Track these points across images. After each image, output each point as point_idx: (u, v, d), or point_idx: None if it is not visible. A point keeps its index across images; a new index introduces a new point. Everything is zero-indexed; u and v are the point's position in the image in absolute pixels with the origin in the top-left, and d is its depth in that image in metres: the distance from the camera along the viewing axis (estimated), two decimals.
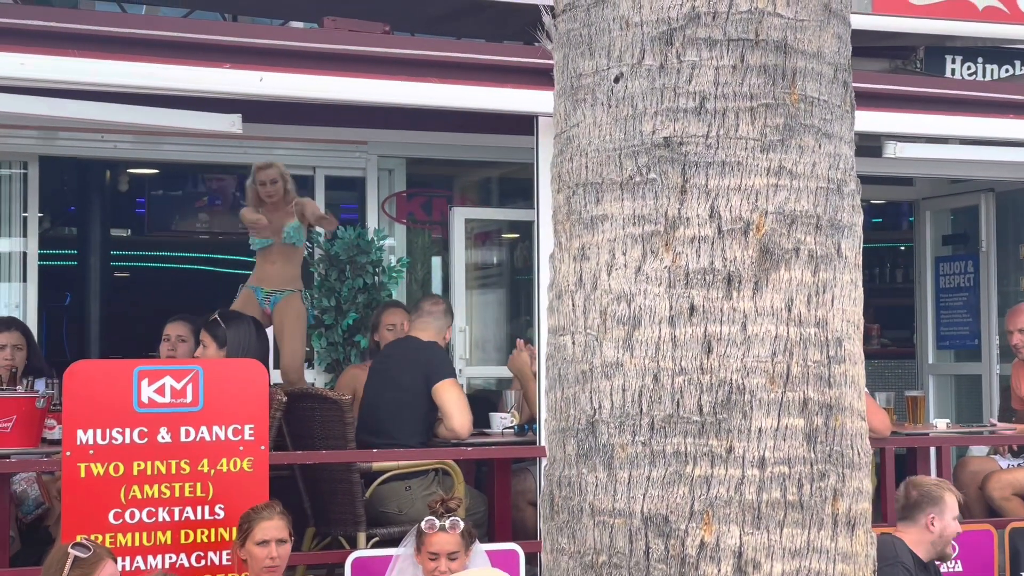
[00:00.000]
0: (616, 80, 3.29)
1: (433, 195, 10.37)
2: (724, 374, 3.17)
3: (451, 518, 5.54)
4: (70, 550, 4.79)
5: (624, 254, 3.24)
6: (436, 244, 10.26)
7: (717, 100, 3.22)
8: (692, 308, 3.19)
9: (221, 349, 6.83)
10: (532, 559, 6.46)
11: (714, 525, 3.14)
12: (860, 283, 3.37)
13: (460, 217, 9.80)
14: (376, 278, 9.37)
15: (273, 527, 5.35)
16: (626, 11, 3.28)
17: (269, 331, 7.81)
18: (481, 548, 5.83)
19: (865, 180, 3.54)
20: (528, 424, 7.37)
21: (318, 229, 8.97)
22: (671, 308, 3.19)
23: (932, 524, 5.94)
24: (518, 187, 10.14)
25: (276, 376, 8.22)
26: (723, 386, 3.16)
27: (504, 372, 8.85)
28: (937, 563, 6.05)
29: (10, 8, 7.43)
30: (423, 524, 5.55)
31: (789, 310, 3.21)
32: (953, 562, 6.93)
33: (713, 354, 3.18)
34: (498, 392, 8.99)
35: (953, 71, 10.09)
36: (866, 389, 7.11)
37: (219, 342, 6.87)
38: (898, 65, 9.88)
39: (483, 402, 8.29)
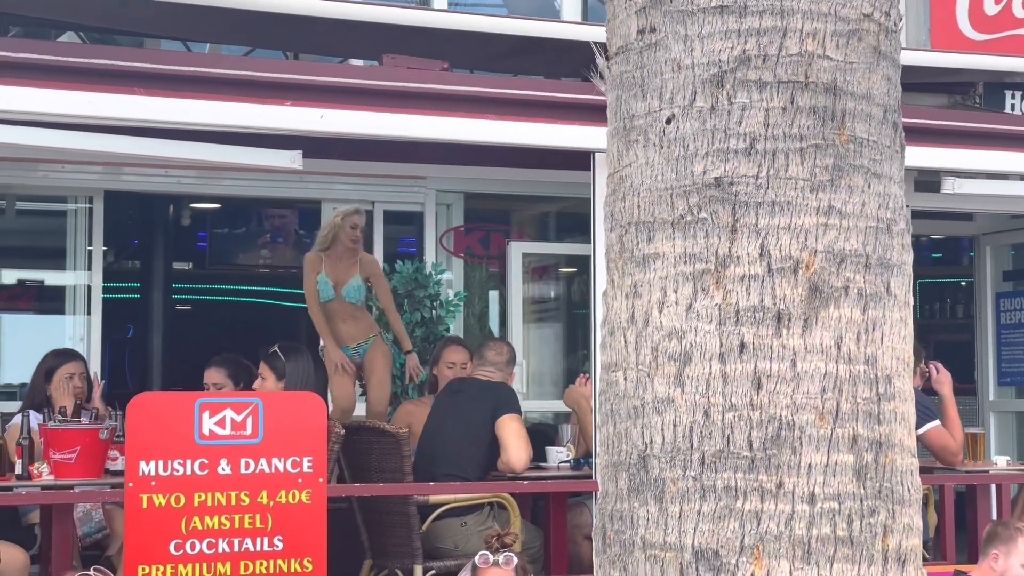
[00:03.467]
0: (668, 121, 3.35)
1: (491, 230, 10.43)
2: (774, 410, 3.20)
3: (505, 553, 5.53)
4: None
5: (675, 292, 3.29)
6: (493, 278, 10.31)
7: (767, 141, 3.27)
8: (742, 345, 3.23)
9: (280, 381, 6.91)
10: None
11: (764, 560, 3.17)
12: (910, 321, 3.40)
13: (517, 252, 9.86)
14: (434, 312, 9.43)
15: None
16: (678, 54, 3.34)
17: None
18: None
19: (924, 215, 3.58)
20: (584, 458, 7.39)
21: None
22: (721, 345, 3.24)
23: (996, 562, 5.86)
24: (575, 222, 10.18)
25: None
26: (773, 422, 3.20)
27: (561, 406, 8.87)
28: None
29: (78, 47, 7.61)
30: (477, 559, 5.56)
31: (838, 347, 3.24)
32: None
33: (763, 390, 3.21)
34: (555, 426, 9.02)
35: (1013, 107, 10.05)
36: (937, 422, 7.20)
37: (278, 374, 6.96)
38: (957, 101, 9.86)
39: (540, 436, 8.32)
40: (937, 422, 7.47)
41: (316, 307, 8.02)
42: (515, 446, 6.91)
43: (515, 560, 5.50)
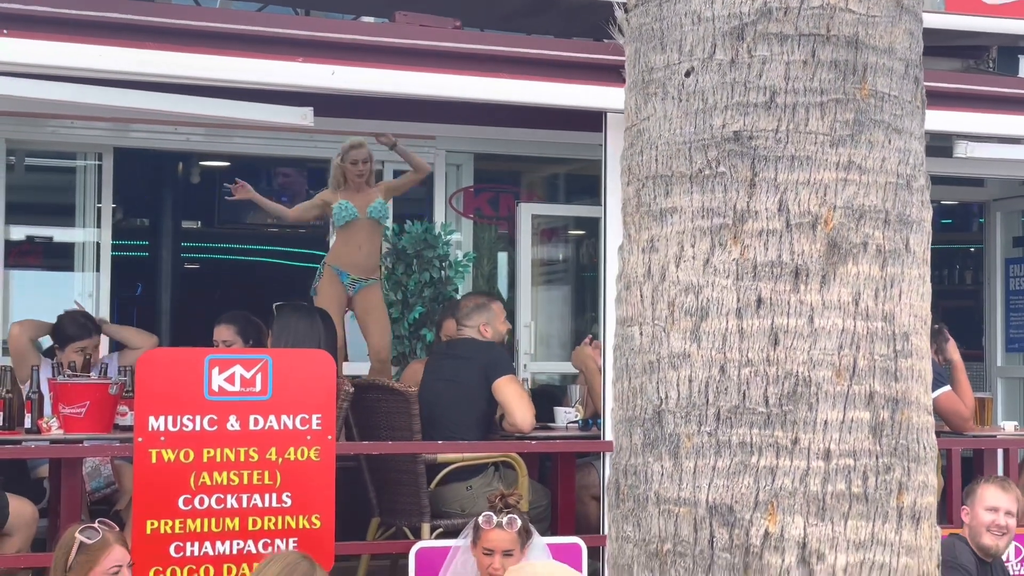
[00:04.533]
0: (687, 74, 3.33)
1: (500, 191, 10.41)
2: (790, 366, 3.20)
3: (509, 515, 5.53)
4: (77, 535, 4.70)
5: (692, 246, 3.28)
6: (502, 240, 10.30)
7: (787, 95, 3.25)
8: (759, 300, 3.22)
9: (270, 338, 7.03)
10: (595, 553, 6.48)
11: (779, 515, 3.17)
12: (928, 278, 3.38)
13: (527, 213, 9.84)
14: (442, 272, 9.43)
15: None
16: (698, 6, 3.32)
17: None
18: (541, 541, 5.83)
19: (935, 181, 3.56)
20: (592, 419, 7.39)
21: (387, 224, 9.03)
22: (738, 300, 3.23)
23: (965, 516, 6.03)
24: (585, 184, 10.15)
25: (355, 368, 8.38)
26: (789, 378, 3.19)
27: (568, 368, 8.87)
28: (1004, 560, 6.01)
29: (90, 1, 7.55)
30: (480, 519, 5.57)
31: (856, 304, 3.23)
32: (1019, 564, 6.87)
33: (780, 346, 3.20)
34: (562, 387, 9.02)
35: None
36: (948, 387, 7.26)
37: (271, 331, 7.08)
38: (970, 65, 9.79)
39: (547, 397, 8.31)
40: (948, 387, 7.49)
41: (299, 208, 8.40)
42: (518, 408, 6.90)
43: (518, 523, 5.50)
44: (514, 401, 6.94)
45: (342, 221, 8.18)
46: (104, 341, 8.09)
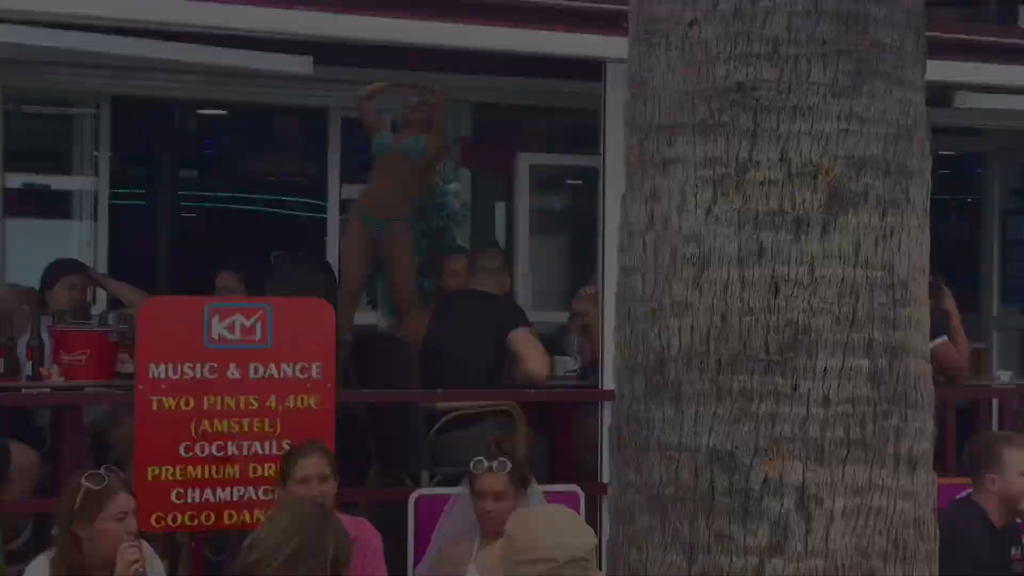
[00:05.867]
0: (691, 25, 3.34)
1: (499, 140, 10.38)
2: (791, 315, 3.23)
3: (499, 459, 5.57)
4: (83, 481, 4.73)
5: (695, 196, 3.30)
6: (501, 189, 10.28)
7: (790, 46, 3.27)
8: (761, 250, 3.25)
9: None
10: (592, 501, 6.54)
11: (778, 461, 3.21)
12: (927, 228, 3.42)
13: (525, 163, 9.82)
14: (440, 222, 9.42)
15: (312, 464, 5.26)
16: None
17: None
18: (538, 490, 5.87)
19: (933, 130, 3.57)
20: (589, 368, 7.43)
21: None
22: (740, 249, 3.26)
23: (993, 484, 5.64)
24: (584, 134, 10.13)
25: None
26: (790, 326, 3.23)
27: (565, 319, 8.90)
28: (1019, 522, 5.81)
29: None
30: (472, 465, 5.60)
31: (856, 253, 3.27)
32: None
33: (780, 295, 3.24)
34: (560, 337, 9.04)
35: None
36: (944, 337, 7.29)
37: (270, 282, 7.12)
38: (969, 14, 9.78)
39: (545, 346, 8.32)
40: (944, 337, 7.52)
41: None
42: (534, 357, 6.94)
43: (509, 465, 5.54)
44: (529, 350, 6.98)
45: (375, 151, 8.00)
46: (101, 299, 8.09)
